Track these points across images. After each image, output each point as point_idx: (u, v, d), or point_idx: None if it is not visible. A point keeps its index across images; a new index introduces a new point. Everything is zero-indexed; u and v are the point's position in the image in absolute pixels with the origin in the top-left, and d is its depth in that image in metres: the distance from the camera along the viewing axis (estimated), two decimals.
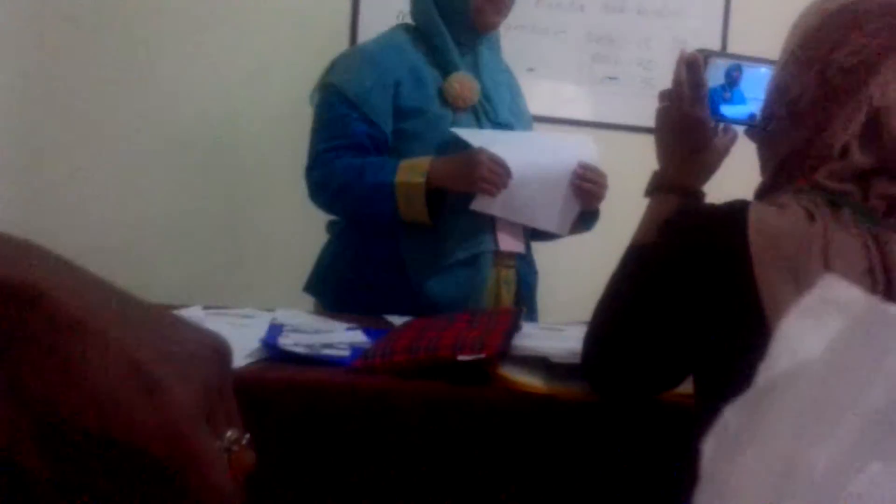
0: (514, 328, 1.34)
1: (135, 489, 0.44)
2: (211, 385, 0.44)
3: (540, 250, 2.03)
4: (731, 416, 0.27)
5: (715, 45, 2.89)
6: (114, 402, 0.40)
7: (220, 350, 0.46)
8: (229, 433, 0.44)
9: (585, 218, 1.92)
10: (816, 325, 0.27)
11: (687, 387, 1.10)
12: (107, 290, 0.44)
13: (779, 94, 1.07)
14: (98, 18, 2.70)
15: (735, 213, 0.99)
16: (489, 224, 1.85)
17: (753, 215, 0.98)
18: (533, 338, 1.38)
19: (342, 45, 2.69)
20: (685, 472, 0.44)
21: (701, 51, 1.19)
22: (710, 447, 0.28)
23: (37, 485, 0.44)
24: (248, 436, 0.46)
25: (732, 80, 1.19)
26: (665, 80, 1.23)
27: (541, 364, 1.26)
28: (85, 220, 2.63)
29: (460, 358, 1.19)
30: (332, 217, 1.96)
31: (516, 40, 2.04)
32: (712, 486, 0.26)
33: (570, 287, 1.93)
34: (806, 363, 0.26)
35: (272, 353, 1.30)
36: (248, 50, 2.78)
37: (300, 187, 1.89)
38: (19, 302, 0.39)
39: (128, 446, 0.41)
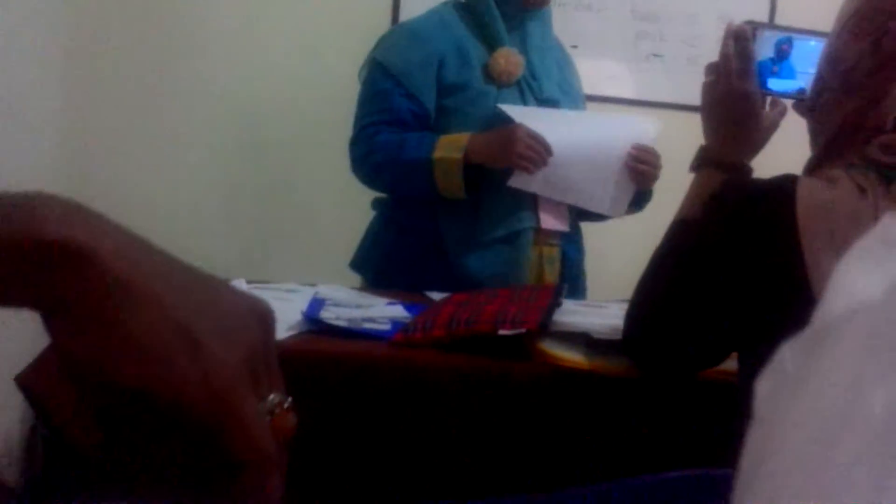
0: (555, 304, 1.33)
1: (179, 448, 0.44)
2: (254, 348, 0.44)
3: (587, 228, 2.01)
4: (788, 355, 0.27)
5: (762, 20, 2.83)
6: (158, 362, 0.41)
7: (263, 315, 0.46)
8: (272, 396, 0.45)
9: (636, 198, 1.88)
10: (876, 265, 0.26)
11: (729, 364, 1.09)
12: (153, 251, 0.44)
13: (831, 64, 1.05)
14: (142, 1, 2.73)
15: (783, 187, 0.98)
16: (531, 201, 1.83)
17: (802, 189, 0.96)
18: (574, 314, 1.37)
19: (385, 22, 2.69)
20: (727, 447, 0.44)
21: (749, 23, 1.17)
22: (765, 387, 0.27)
23: (85, 444, 0.44)
24: (290, 400, 0.46)
25: (782, 53, 1.16)
26: (711, 58, 1.21)
27: (581, 340, 1.26)
28: (129, 193, 2.66)
29: (500, 331, 1.19)
30: (377, 194, 1.97)
31: (560, 17, 2.01)
32: (767, 426, 0.26)
33: (617, 266, 1.91)
34: (865, 303, 0.25)
35: (314, 326, 1.31)
36: (293, 26, 2.79)
37: (348, 165, 1.89)
38: (68, 261, 0.40)
39: (172, 405, 0.41)
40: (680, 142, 1.57)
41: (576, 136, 1.80)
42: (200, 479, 0.45)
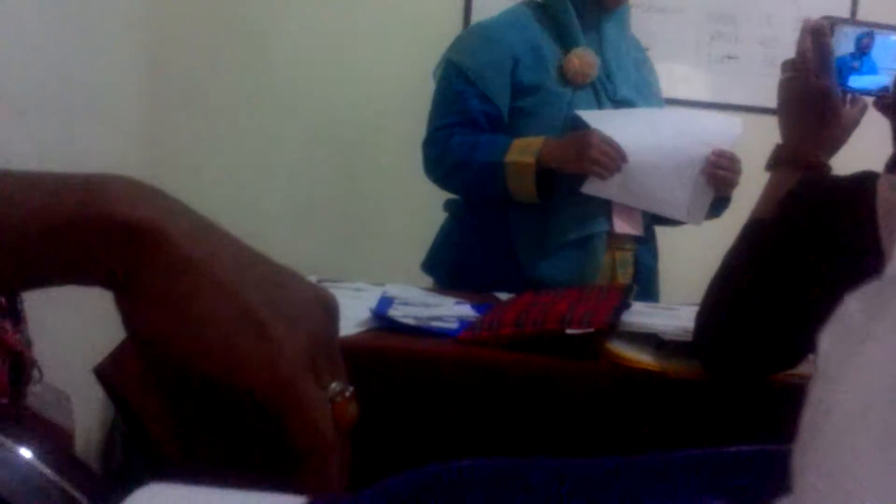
0: (624, 304, 1.31)
1: (242, 430, 0.45)
2: (317, 336, 0.44)
3: (661, 232, 1.98)
4: (853, 307, 0.26)
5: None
6: (222, 344, 0.41)
7: (327, 304, 0.47)
8: (334, 385, 0.45)
9: (714, 204, 1.84)
10: None
11: (804, 368, 1.06)
12: (223, 235, 0.45)
13: None
14: (216, 1, 2.79)
15: (862, 185, 0.95)
16: (604, 205, 1.81)
17: (882, 187, 0.93)
18: (643, 315, 1.36)
19: (457, 25, 2.69)
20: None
21: (827, 18, 1.14)
22: (828, 340, 0.26)
23: (162, 430, 0.45)
24: (352, 389, 0.46)
25: (863, 47, 1.13)
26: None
27: (649, 341, 1.24)
28: (206, 190, 2.71)
29: (569, 331, 1.18)
30: (450, 195, 1.97)
31: (632, 19, 1.99)
32: (828, 381, 0.25)
33: (692, 270, 1.88)
34: None
35: (382, 323, 1.32)
36: (366, 28, 2.82)
37: (421, 166, 1.90)
38: (139, 240, 0.41)
39: (234, 385, 0.42)
40: (756, 145, 1.53)
41: (653, 141, 1.77)
42: (265, 463, 0.46)
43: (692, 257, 2.21)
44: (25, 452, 0.44)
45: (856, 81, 1.14)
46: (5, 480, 0.42)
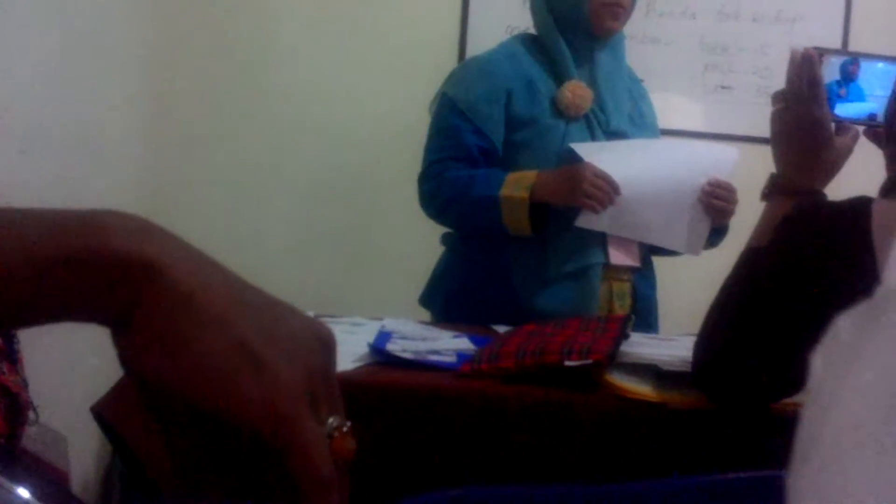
0: (623, 335, 1.31)
1: (241, 466, 0.45)
2: (315, 370, 0.44)
3: (658, 262, 1.98)
4: (844, 327, 0.26)
5: (835, 48, 2.78)
6: (220, 377, 0.41)
7: (325, 338, 0.47)
8: (331, 420, 0.45)
9: (711, 234, 1.84)
10: None
11: (805, 396, 1.06)
12: (221, 271, 0.45)
13: None
14: (216, 39, 2.82)
15: (857, 208, 0.95)
16: (599, 237, 1.81)
17: (878, 210, 0.94)
18: (642, 346, 1.36)
19: (451, 59, 2.71)
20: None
21: (815, 49, 1.14)
22: (820, 360, 0.26)
23: (149, 459, 0.45)
24: (349, 424, 0.46)
25: (849, 75, 1.13)
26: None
27: (649, 372, 1.24)
28: (205, 224, 2.71)
29: (568, 363, 1.18)
30: (446, 229, 1.98)
31: (627, 50, 2.01)
32: (822, 401, 0.25)
33: (690, 301, 1.87)
34: None
35: (380, 357, 1.32)
36: (359, 65, 2.84)
37: (417, 200, 1.91)
38: (137, 275, 0.41)
39: (233, 421, 0.41)
40: (751, 174, 1.53)
41: (648, 171, 1.78)
42: (265, 499, 0.45)
43: (690, 287, 2.21)
44: (24, 492, 0.43)
45: (843, 109, 1.15)
46: None
